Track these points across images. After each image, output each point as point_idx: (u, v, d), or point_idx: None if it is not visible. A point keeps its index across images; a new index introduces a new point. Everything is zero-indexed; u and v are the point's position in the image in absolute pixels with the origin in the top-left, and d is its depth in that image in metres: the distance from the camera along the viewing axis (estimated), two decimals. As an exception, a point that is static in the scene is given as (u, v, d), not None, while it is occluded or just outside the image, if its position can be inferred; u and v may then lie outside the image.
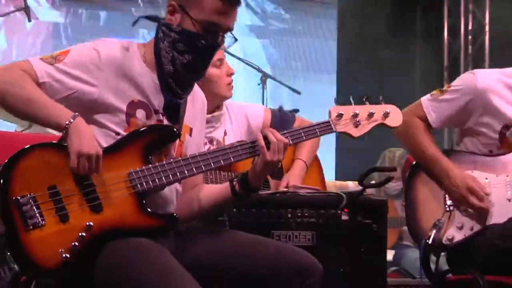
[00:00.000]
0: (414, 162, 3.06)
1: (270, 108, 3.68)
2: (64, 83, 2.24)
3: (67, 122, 2.14)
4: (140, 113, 2.31)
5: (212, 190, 2.47)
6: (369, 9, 7.67)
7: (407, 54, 7.69)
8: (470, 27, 7.46)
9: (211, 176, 3.10)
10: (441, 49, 7.71)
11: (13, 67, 2.28)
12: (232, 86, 3.43)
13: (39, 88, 2.23)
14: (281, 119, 3.29)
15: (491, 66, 6.46)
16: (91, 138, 2.20)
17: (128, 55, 2.36)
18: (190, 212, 2.44)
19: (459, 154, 2.97)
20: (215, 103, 3.38)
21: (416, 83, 7.17)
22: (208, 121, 3.17)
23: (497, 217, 2.72)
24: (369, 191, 3.08)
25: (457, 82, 2.98)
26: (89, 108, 2.26)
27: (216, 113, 3.37)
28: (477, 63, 7.40)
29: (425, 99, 2.92)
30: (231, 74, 3.41)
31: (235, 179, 2.35)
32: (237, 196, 2.34)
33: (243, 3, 3.07)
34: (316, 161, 3.60)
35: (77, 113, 2.16)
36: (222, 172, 3.20)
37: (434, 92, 2.96)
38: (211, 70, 3.24)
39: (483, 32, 7.29)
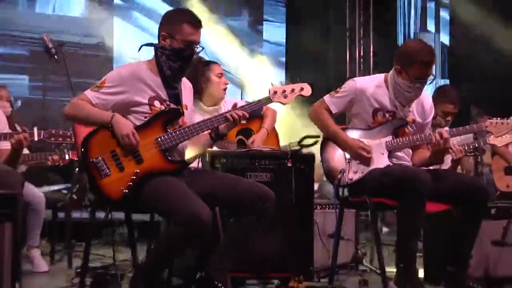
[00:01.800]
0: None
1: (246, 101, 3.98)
2: (107, 99, 2.66)
3: (109, 120, 2.57)
4: (157, 103, 2.68)
5: (199, 139, 2.77)
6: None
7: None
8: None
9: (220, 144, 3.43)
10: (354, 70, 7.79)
11: (79, 99, 2.69)
12: (226, 91, 3.80)
13: (92, 106, 2.66)
14: None
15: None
16: (125, 124, 2.59)
17: (140, 69, 2.71)
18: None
19: (350, 130, 3.27)
20: (214, 100, 3.71)
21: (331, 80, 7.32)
22: (210, 112, 3.57)
23: (376, 164, 3.06)
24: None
25: (345, 86, 3.24)
26: (127, 106, 2.65)
27: (216, 106, 3.70)
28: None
29: (327, 97, 3.21)
30: (226, 84, 3.78)
31: (213, 132, 2.72)
32: (213, 140, 2.74)
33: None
34: (274, 130, 3.93)
35: (114, 113, 2.59)
36: (226, 141, 3.45)
37: (331, 93, 3.26)
38: (214, 79, 3.69)
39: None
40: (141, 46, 2.79)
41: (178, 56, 2.66)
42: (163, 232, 3.10)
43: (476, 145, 3.72)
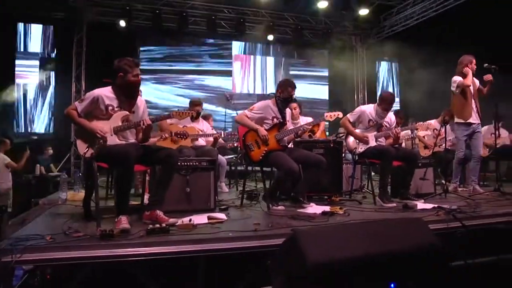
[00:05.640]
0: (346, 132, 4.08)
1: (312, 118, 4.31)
2: (254, 117, 3.48)
3: (256, 128, 3.42)
4: (275, 119, 3.59)
5: (291, 135, 3.46)
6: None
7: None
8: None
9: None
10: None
11: (243, 115, 3.42)
12: (299, 115, 4.89)
13: (248, 118, 3.39)
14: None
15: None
16: (263, 129, 3.44)
17: (268, 104, 3.54)
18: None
19: (358, 129, 4.13)
20: (295, 118, 4.78)
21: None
22: (295, 124, 4.34)
23: (370, 145, 4.05)
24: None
25: (356, 109, 4.18)
26: (262, 119, 3.51)
27: (296, 121, 4.76)
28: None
29: (348, 115, 4.02)
30: (298, 112, 4.90)
31: (296, 133, 3.45)
32: (296, 136, 3.47)
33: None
34: (324, 132, 5.15)
35: (258, 125, 3.41)
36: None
37: (350, 112, 4.10)
38: (293, 110, 4.65)
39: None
40: (272, 95, 3.67)
41: (287, 101, 3.63)
42: (276, 175, 3.64)
43: (412, 135, 4.84)
